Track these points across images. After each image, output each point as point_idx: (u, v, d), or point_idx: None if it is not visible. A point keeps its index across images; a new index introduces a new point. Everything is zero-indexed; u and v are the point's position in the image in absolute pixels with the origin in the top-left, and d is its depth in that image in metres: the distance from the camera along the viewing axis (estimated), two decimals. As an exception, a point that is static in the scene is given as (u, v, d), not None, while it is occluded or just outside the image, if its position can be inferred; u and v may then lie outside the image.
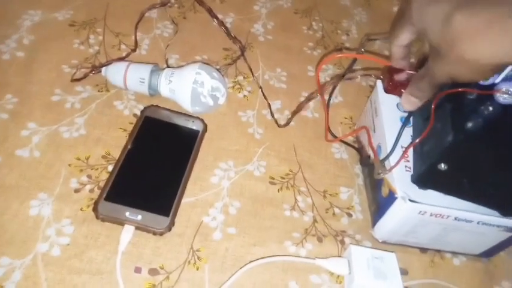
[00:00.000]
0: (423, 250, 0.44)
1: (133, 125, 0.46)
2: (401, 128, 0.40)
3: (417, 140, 0.37)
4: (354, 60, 0.59)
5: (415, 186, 0.38)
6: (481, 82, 0.35)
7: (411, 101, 0.36)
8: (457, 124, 0.33)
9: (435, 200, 0.38)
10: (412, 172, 0.39)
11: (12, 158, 0.41)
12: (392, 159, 0.39)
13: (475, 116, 0.35)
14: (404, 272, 0.41)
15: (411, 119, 0.42)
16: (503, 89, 0.34)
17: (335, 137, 0.51)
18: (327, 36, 0.64)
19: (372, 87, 0.58)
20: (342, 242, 0.42)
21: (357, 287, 0.37)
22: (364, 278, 0.37)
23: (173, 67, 0.51)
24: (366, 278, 0.37)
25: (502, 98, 0.35)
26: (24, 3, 0.55)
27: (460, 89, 0.35)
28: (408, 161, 0.40)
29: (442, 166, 0.35)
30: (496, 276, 0.43)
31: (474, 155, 0.34)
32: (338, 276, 0.39)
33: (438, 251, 0.44)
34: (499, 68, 0.31)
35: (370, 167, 0.46)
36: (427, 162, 0.36)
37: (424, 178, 0.37)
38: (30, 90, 0.47)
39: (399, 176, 0.39)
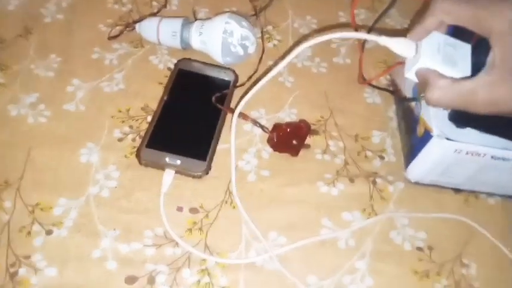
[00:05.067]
0: (457, 191, 0.43)
1: (168, 78, 0.48)
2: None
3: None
4: (393, 1, 0.57)
5: (451, 126, 0.38)
6: None
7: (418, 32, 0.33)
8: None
9: (471, 138, 0.37)
10: (449, 110, 0.38)
11: (60, 112, 0.44)
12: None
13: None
14: None
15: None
16: None
17: (364, 79, 0.50)
18: (359, -20, 0.61)
19: (407, 30, 0.56)
20: (374, 183, 0.43)
21: (420, 66, 0.33)
22: (430, 59, 0.32)
23: (203, 19, 0.51)
24: (433, 60, 0.32)
25: None
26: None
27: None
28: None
29: None
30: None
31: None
32: (369, 213, 0.41)
33: (473, 191, 0.43)
34: None
35: (405, 109, 0.45)
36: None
37: (463, 114, 0.36)
38: (72, 49, 0.50)
39: (436, 115, 0.38)
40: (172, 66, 0.49)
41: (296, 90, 0.50)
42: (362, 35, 0.36)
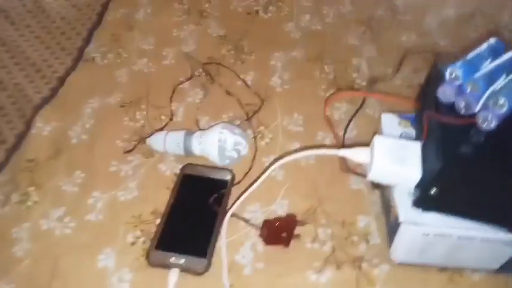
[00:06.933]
0: (442, 269, 0.46)
1: (174, 183, 0.55)
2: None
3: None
4: (364, 99, 0.64)
5: (419, 210, 0.42)
6: (462, 111, 0.40)
7: None
8: (445, 152, 0.38)
9: (439, 220, 0.41)
10: (412, 197, 0.43)
11: (82, 223, 0.52)
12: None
13: (461, 144, 0.39)
14: None
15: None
16: (483, 117, 0.38)
17: (347, 168, 0.55)
18: (339, 77, 0.70)
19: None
20: (360, 268, 0.46)
21: (375, 170, 0.40)
22: (381, 162, 0.39)
23: (202, 129, 0.60)
24: (384, 163, 0.39)
25: (483, 124, 0.39)
26: (84, 93, 0.68)
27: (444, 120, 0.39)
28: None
29: (434, 191, 0.39)
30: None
31: (464, 179, 0.38)
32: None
33: (457, 269, 0.46)
34: None
35: (383, 193, 0.50)
36: (420, 189, 0.40)
37: (421, 203, 0.41)
38: (93, 165, 0.58)
39: (401, 200, 0.43)
40: (177, 171, 0.57)
41: (287, 182, 0.56)
42: (324, 151, 0.44)
